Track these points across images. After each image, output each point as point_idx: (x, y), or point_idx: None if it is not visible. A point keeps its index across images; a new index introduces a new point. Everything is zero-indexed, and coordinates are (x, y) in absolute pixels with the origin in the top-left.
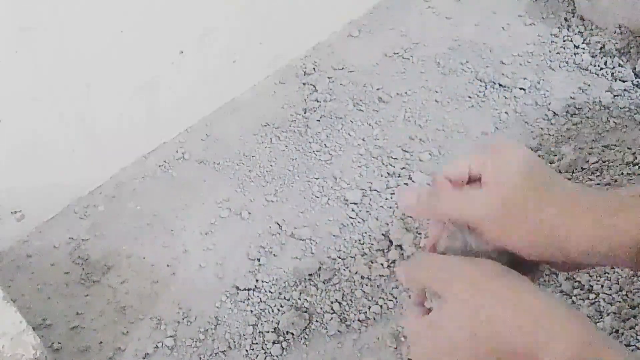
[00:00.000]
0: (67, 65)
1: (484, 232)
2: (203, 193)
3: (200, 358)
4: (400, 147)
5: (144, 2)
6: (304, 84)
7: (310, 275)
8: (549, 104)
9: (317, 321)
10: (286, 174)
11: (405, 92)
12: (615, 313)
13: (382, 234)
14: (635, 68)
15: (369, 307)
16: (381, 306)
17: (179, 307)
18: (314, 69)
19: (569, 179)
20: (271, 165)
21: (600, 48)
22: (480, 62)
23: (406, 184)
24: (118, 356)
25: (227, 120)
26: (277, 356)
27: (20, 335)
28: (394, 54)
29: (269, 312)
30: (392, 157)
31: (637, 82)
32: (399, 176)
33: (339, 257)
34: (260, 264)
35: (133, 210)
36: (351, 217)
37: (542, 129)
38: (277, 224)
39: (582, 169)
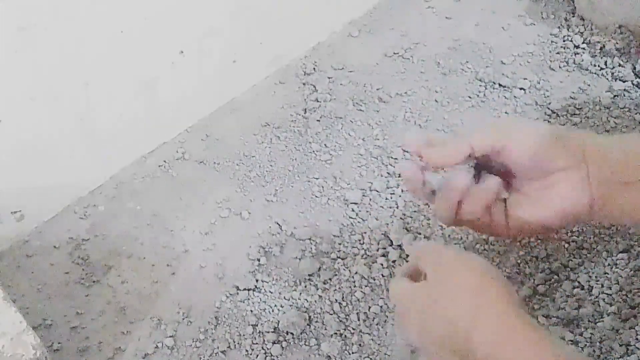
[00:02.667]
0: (67, 65)
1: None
2: (203, 193)
3: (200, 358)
4: (400, 147)
5: (144, 2)
6: (304, 84)
7: (310, 275)
8: (549, 104)
9: (317, 321)
10: (286, 174)
11: (405, 92)
12: (615, 313)
13: (382, 234)
14: (635, 68)
15: (369, 308)
16: (381, 306)
17: (179, 307)
18: (314, 69)
19: None
20: (271, 165)
21: (600, 48)
22: (480, 62)
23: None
24: (118, 356)
25: (227, 120)
26: (277, 356)
27: (20, 335)
28: (394, 54)
29: (269, 312)
30: (392, 157)
31: (637, 82)
32: (399, 176)
33: (339, 257)
34: (260, 264)
35: (133, 210)
36: (351, 217)
37: None
38: (277, 224)
39: None
